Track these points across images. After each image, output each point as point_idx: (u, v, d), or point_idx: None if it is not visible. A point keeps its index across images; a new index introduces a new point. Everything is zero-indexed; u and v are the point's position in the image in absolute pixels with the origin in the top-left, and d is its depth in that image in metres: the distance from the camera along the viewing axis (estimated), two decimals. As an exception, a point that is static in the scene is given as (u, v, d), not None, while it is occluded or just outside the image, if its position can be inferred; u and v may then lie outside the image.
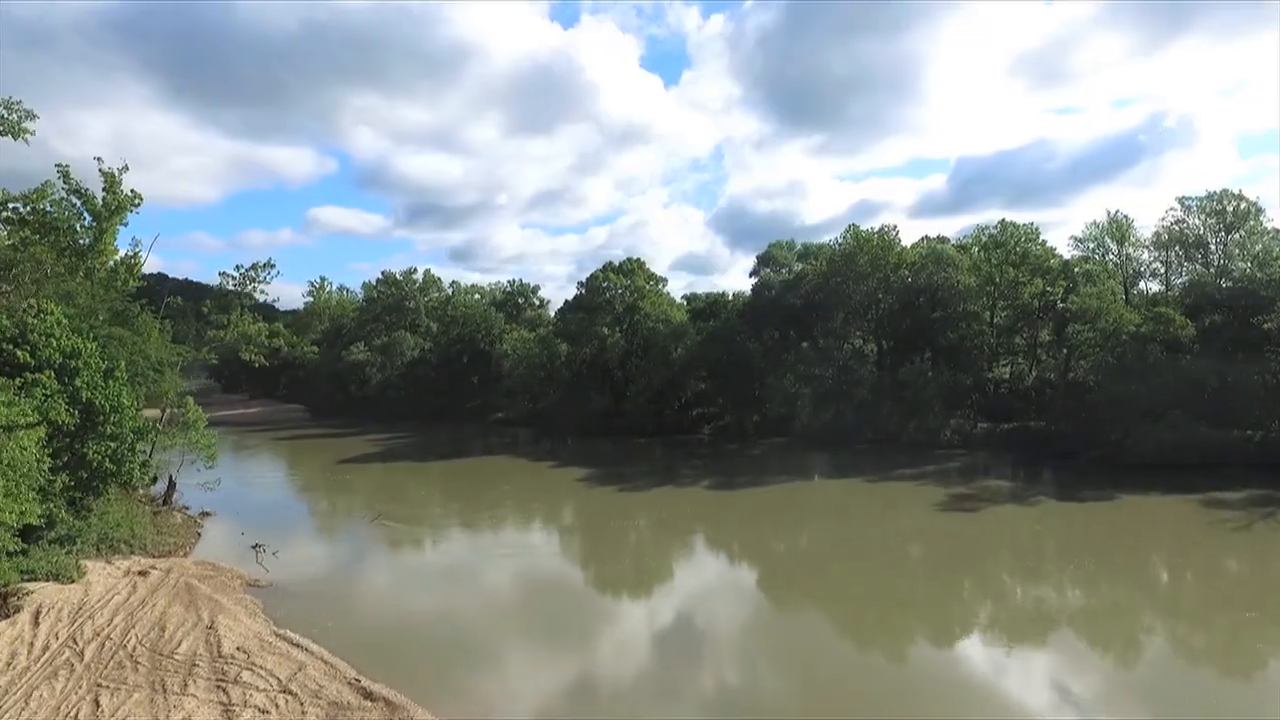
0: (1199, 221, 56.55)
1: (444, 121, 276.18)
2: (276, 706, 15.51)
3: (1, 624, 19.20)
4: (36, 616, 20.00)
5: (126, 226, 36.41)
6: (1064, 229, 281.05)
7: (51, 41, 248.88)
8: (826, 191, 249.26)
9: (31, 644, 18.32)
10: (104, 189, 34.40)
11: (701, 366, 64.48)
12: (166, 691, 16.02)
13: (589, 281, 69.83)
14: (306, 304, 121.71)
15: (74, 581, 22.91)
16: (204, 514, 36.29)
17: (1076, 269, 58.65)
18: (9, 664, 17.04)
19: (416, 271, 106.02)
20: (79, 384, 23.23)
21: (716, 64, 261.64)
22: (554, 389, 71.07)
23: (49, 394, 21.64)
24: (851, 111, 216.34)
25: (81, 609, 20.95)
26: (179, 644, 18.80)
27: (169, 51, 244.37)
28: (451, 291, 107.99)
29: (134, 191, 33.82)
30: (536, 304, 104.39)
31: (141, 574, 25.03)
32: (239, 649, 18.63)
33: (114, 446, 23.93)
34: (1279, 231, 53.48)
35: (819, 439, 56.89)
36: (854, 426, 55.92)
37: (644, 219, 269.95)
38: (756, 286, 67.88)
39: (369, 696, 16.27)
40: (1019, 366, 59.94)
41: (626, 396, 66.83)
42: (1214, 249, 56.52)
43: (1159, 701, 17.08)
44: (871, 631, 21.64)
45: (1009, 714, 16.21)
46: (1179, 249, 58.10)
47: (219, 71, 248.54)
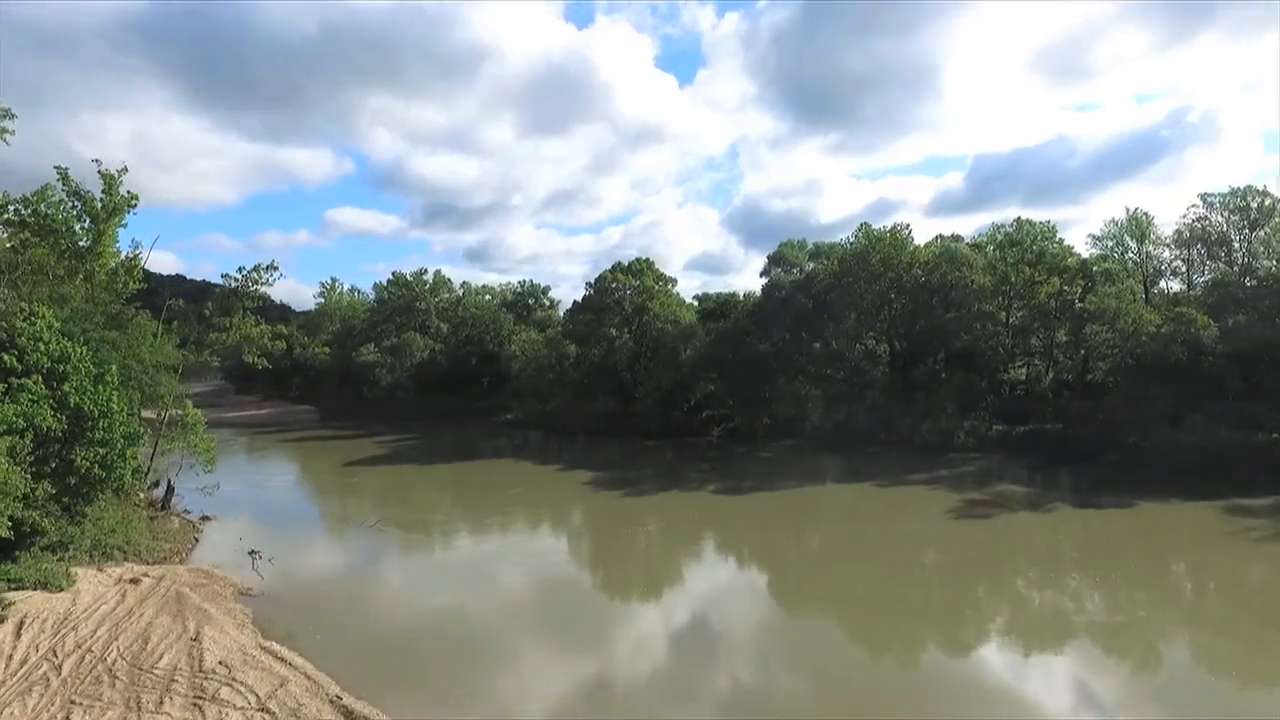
0: (1222, 218, 55.13)
1: (459, 122, 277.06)
2: (252, 727, 14.97)
3: (-18, 636, 18.81)
4: (20, 628, 19.58)
5: (126, 228, 36.27)
6: (1083, 227, 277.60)
7: (73, 46, 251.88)
8: (842, 190, 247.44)
9: (10, 657, 17.88)
10: (102, 191, 34.25)
11: (711, 368, 63.67)
12: (141, 709, 15.50)
13: (597, 282, 69.20)
14: (318, 305, 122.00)
15: (63, 590, 22.51)
16: (204, 518, 35.94)
17: (1095, 268, 57.29)
18: (-16, 678, 16.61)
19: (427, 272, 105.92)
20: (68, 389, 22.83)
21: (731, 63, 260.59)
22: (563, 390, 70.49)
23: (35, 399, 21.23)
24: (867, 109, 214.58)
25: (67, 619, 20.53)
26: (160, 657, 18.30)
27: (188, 55, 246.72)
28: (462, 292, 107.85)
29: (130, 192, 33.64)
30: (547, 304, 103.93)
31: (133, 582, 24.63)
32: (221, 663, 18.10)
33: (103, 453, 23.51)
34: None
35: (830, 441, 55.91)
36: (866, 429, 54.92)
37: (659, 219, 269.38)
38: (767, 287, 66.97)
39: (349, 716, 15.68)
40: (1035, 368, 58.62)
41: (635, 398, 66.14)
42: (1238, 247, 55.05)
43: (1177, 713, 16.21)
44: (881, 639, 20.83)
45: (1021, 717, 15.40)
46: (1201, 247, 56.69)
47: (238, 75, 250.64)
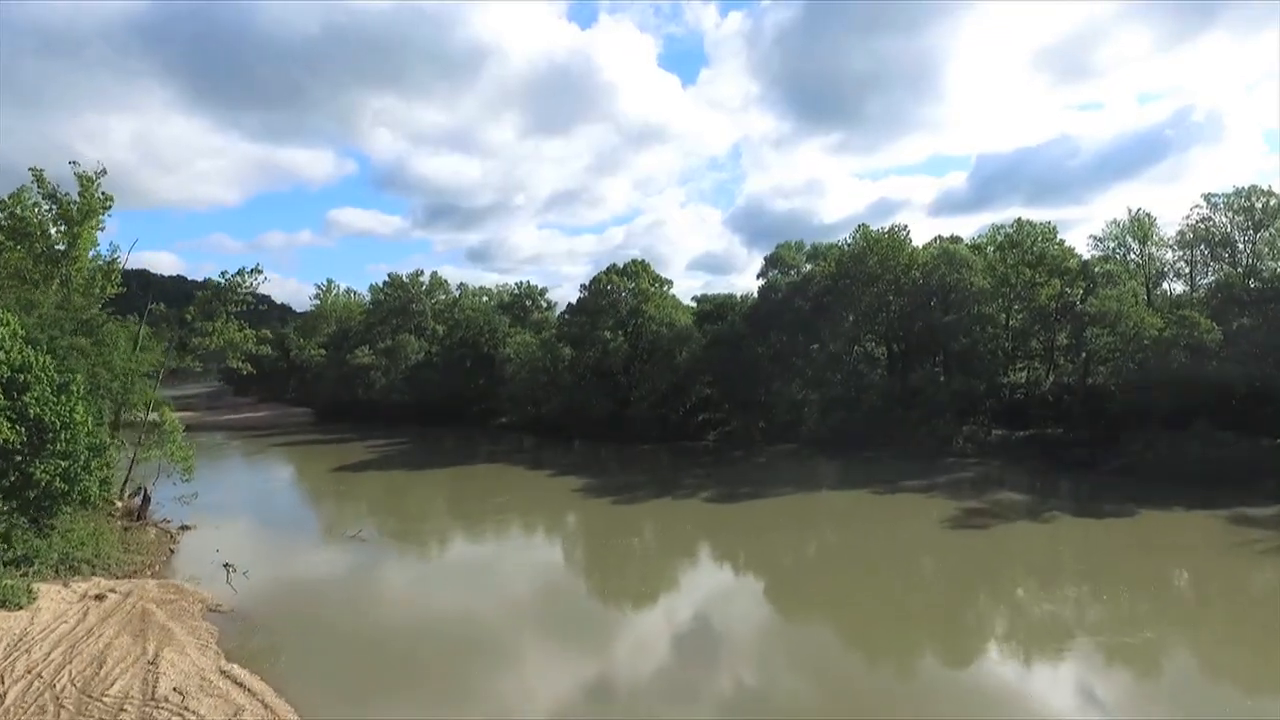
0: (1226, 219, 53.98)
1: (461, 122, 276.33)
2: (196, 764, 14.14)
3: (-72, 660, 18.01)
4: (-30, 650, 18.79)
5: (104, 230, 35.54)
6: (1086, 226, 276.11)
7: (76, 46, 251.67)
8: (845, 190, 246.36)
9: (-45, 683, 17.08)
10: (79, 192, 33.54)
11: (707, 371, 62.79)
12: (81, 744, 14.69)
13: (592, 284, 68.31)
14: (313, 306, 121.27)
15: (21, 608, 21.71)
16: (184, 527, 35.18)
17: (1096, 269, 56.33)
18: (-80, 709, 15.81)
19: (423, 274, 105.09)
20: (28, 399, 22.04)
21: (734, 62, 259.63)
22: (557, 394, 69.53)
23: (-9, 411, 20.45)
24: (870, 109, 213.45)
25: (22, 640, 19.72)
26: (113, 683, 17.49)
27: (190, 55, 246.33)
28: (459, 294, 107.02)
29: (105, 194, 32.91)
30: (544, 306, 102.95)
31: (98, 598, 23.83)
32: (176, 689, 17.30)
33: (65, 465, 22.71)
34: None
35: (827, 446, 55.01)
36: (863, 433, 53.95)
37: (661, 219, 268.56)
38: (763, 289, 66.01)
39: (301, 751, 14.86)
40: (1035, 371, 57.65)
41: (630, 402, 65.22)
42: (1242, 247, 53.92)
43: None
44: (870, 659, 19.95)
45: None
46: (1204, 248, 55.54)
47: (239, 75, 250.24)
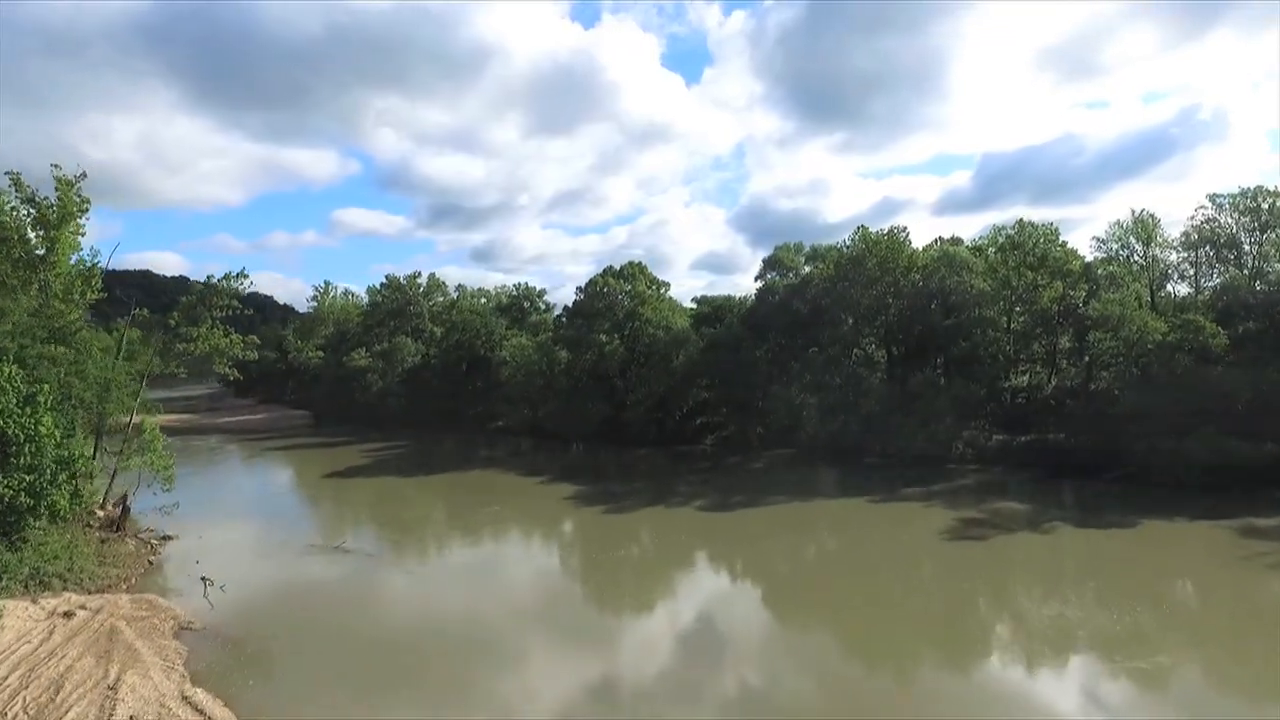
0: (1231, 220, 53.00)
1: (465, 122, 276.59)
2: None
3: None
4: (-77, 674, 18.11)
5: (84, 235, 34.89)
6: (1091, 226, 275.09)
7: (81, 47, 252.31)
8: (849, 189, 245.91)
9: (-99, 712, 16.40)
10: (57, 196, 32.91)
11: (704, 375, 62.00)
12: (24, 780, 13.97)
13: (588, 287, 67.56)
14: (311, 308, 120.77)
15: (-16, 627, 21.05)
16: (165, 538, 34.53)
17: (1100, 271, 55.40)
18: None
19: (421, 275, 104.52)
20: (-9, 412, 21.35)
21: (738, 61, 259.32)
22: (554, 397, 68.87)
23: (-50, 425, 19.75)
24: (874, 108, 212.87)
25: (-21, 663, 19.05)
26: (67, 711, 16.79)
27: (194, 56, 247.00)
28: (457, 295, 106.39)
29: (82, 196, 32.29)
30: (542, 308, 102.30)
31: (66, 615, 23.15)
32: (132, 718, 16.57)
33: (30, 479, 22.01)
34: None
35: (825, 451, 54.23)
36: (861, 439, 53.16)
37: (665, 218, 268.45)
38: (760, 291, 65.20)
39: (255, 788, 14.11)
40: (1037, 375, 56.71)
41: (627, 405, 64.47)
42: (1248, 249, 52.97)
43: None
44: (866, 670, 19.15)
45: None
46: (1209, 249, 54.60)
47: (243, 75, 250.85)
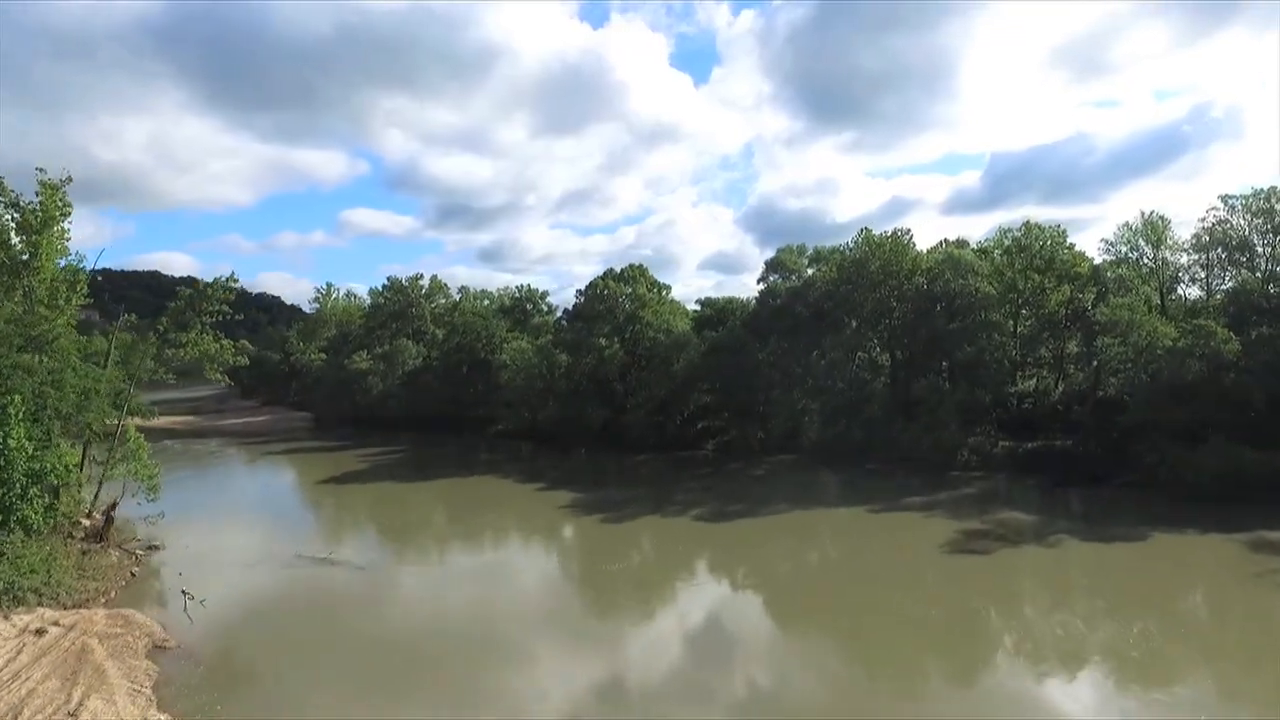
0: (1244, 221, 51.78)
1: (473, 123, 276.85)
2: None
3: None
4: (-122, 699, 17.48)
5: (69, 239, 34.32)
6: (1102, 225, 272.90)
7: (91, 49, 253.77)
8: (858, 189, 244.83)
9: None
10: (38, 198, 32.37)
11: (705, 379, 61.11)
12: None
13: (588, 289, 66.73)
14: (314, 310, 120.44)
15: (-51, 647, 20.45)
16: (151, 548, 33.96)
17: (1109, 274, 54.27)
18: None
19: (423, 277, 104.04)
20: (-42, 424, 20.70)
21: (747, 61, 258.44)
22: (554, 401, 68.10)
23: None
24: (883, 107, 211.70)
25: (-61, 686, 18.42)
26: (22, 740, 16.12)
27: (204, 57, 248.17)
28: (460, 297, 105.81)
29: (64, 200, 31.75)
30: (545, 310, 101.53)
31: (38, 633, 22.56)
32: (88, 749, 15.89)
33: (-1, 493, 21.36)
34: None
35: (828, 456, 53.28)
36: (864, 444, 52.19)
37: (673, 218, 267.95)
38: (762, 294, 64.25)
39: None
40: (1044, 380, 55.61)
41: (627, 410, 63.66)
42: (1261, 251, 51.73)
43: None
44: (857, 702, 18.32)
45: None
46: (1221, 251, 53.40)
47: (252, 76, 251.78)
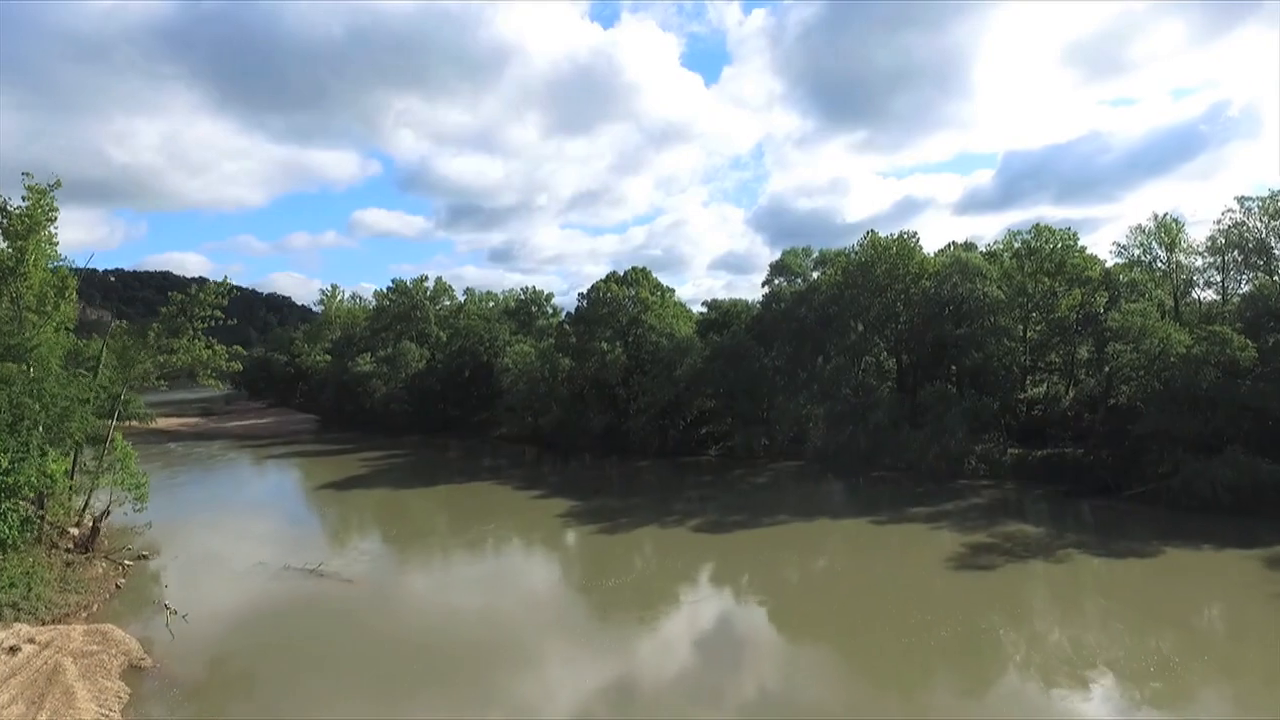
0: (1261, 224, 50.44)
1: (484, 123, 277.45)
2: None
3: None
4: None
5: (56, 244, 33.88)
6: (1117, 225, 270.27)
7: (106, 52, 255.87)
8: (869, 188, 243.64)
9: None
10: (28, 206, 31.92)
11: (708, 384, 60.22)
12: None
13: (590, 293, 65.98)
14: (319, 312, 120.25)
15: (-84, 667, 19.89)
16: (140, 557, 33.46)
17: (1121, 277, 53.05)
18: None
19: (428, 279, 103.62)
20: (-73, 438, 20.13)
21: (758, 60, 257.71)
22: (556, 405, 67.47)
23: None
24: (895, 106, 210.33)
25: (-100, 710, 17.84)
26: (-24, 772, 15.48)
27: (217, 59, 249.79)
28: (465, 299, 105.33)
29: (50, 205, 31.32)
30: (549, 313, 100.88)
31: (11, 650, 21.99)
32: (44, 781, 15.23)
33: (-31, 509, 20.78)
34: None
35: (833, 463, 52.36)
36: (870, 451, 51.20)
37: (683, 218, 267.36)
38: (765, 298, 63.31)
39: None
40: (1054, 386, 54.42)
41: (629, 415, 62.89)
42: (1279, 254, 50.46)
43: None
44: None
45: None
46: (1237, 254, 52.09)
47: (265, 77, 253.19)
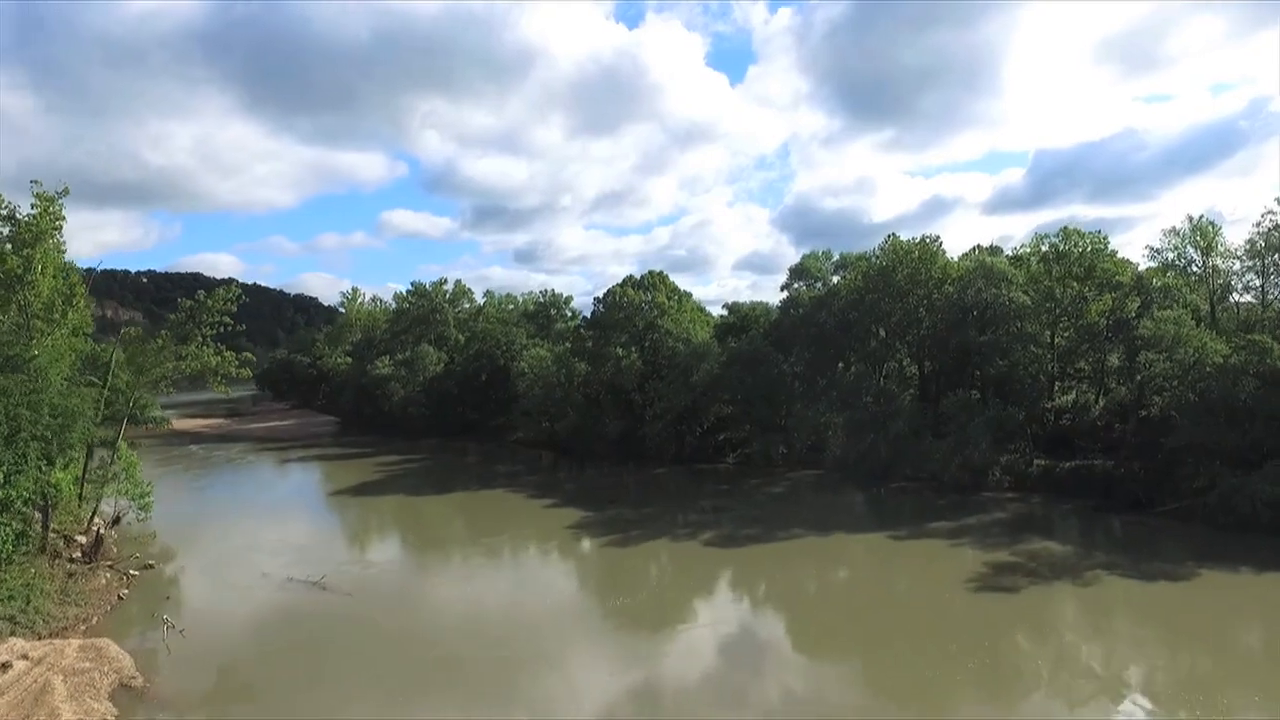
0: (1302, 225, 48.35)
1: (508, 124, 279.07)
2: None
3: None
4: None
5: (64, 252, 33.91)
6: (1153, 224, 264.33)
7: (142, 57, 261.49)
8: (896, 188, 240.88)
9: None
10: (31, 209, 31.89)
11: (725, 390, 59.14)
12: None
13: (606, 297, 65.22)
14: (340, 314, 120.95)
15: (-95, 685, 19.60)
16: (147, 566, 33.24)
17: (1154, 282, 51.14)
18: None
19: (447, 282, 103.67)
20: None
21: (784, 59, 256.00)
22: (572, 411, 66.82)
23: None
24: (923, 105, 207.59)
25: (-119, 732, 17.50)
26: (-54, 803, 15.01)
27: (249, 62, 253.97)
28: (484, 302, 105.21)
29: (55, 214, 31.27)
30: (568, 315, 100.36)
31: (3, 667, 21.66)
32: (14, 815, 14.72)
33: (-42, 525, 20.48)
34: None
35: (852, 473, 51.03)
36: (891, 461, 49.77)
37: (707, 218, 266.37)
38: (784, 303, 62.05)
39: None
40: (1084, 395, 52.54)
41: (645, 420, 62.00)
42: (1323, 258, 48.30)
43: None
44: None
45: None
46: (1278, 257, 49.97)
47: (295, 79, 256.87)
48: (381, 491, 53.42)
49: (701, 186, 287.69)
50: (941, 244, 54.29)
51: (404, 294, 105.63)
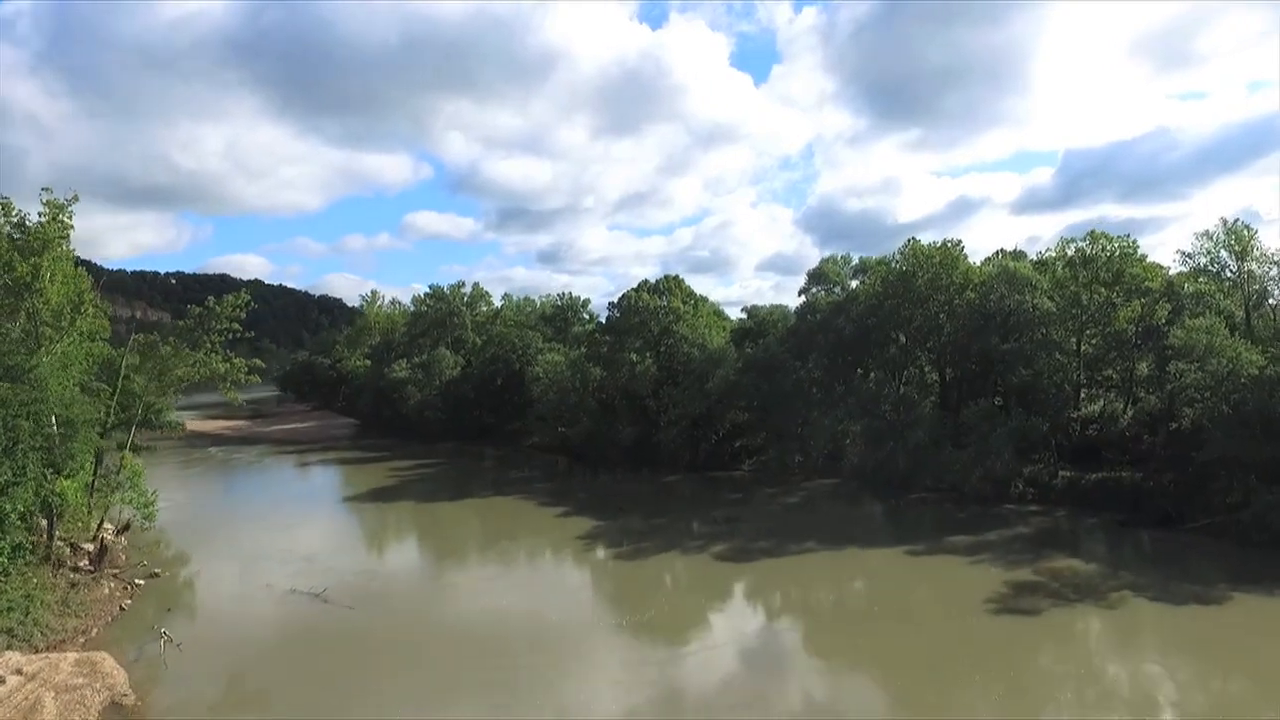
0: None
1: (532, 125, 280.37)
2: None
3: None
4: None
5: (72, 260, 33.98)
6: (1187, 224, 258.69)
7: (175, 60, 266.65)
8: (922, 188, 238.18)
9: None
10: (45, 221, 31.94)
11: (740, 397, 58.20)
12: None
13: (621, 302, 64.53)
14: (359, 317, 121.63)
15: (-106, 701, 19.39)
16: (152, 575, 33.12)
17: (1186, 287, 49.39)
18: None
19: (464, 285, 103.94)
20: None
21: (809, 59, 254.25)
22: (585, 416, 66.24)
23: None
24: (950, 104, 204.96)
25: None
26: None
27: (278, 65, 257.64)
28: (502, 305, 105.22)
29: (63, 222, 31.26)
30: (585, 319, 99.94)
31: (-3, 682, 21.43)
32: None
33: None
34: None
35: (870, 483, 49.89)
36: (910, 471, 48.52)
37: (731, 219, 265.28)
38: (800, 308, 60.94)
39: None
40: (1111, 404, 50.88)
41: (660, 427, 61.24)
42: (1364, 262, 46.28)
43: None
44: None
45: None
46: (1318, 262, 47.96)
47: (322, 82, 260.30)
48: (395, 498, 53.16)
49: (725, 187, 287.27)
50: (963, 248, 52.95)
51: (422, 297, 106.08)
